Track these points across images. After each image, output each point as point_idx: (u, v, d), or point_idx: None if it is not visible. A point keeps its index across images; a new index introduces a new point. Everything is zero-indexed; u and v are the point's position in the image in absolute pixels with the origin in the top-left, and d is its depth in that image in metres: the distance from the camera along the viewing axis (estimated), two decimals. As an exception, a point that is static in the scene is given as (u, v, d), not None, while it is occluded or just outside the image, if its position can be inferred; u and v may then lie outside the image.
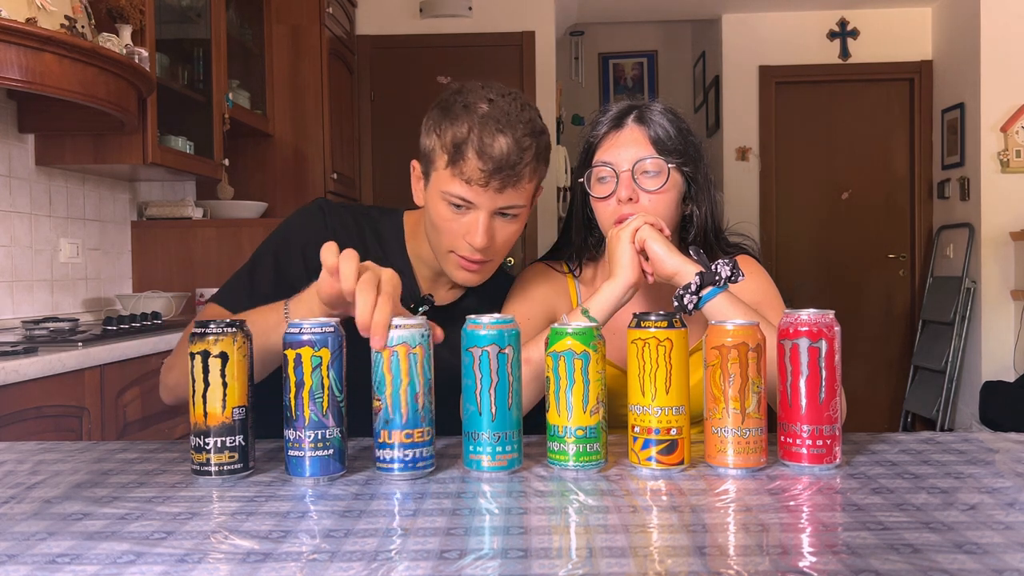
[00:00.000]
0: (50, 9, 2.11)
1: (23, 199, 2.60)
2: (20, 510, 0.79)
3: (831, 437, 0.91)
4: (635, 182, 1.22)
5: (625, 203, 1.22)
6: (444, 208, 1.17)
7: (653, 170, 1.22)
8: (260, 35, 3.76)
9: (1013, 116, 4.53)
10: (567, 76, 6.03)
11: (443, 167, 1.15)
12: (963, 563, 0.63)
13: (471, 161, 1.12)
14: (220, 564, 0.65)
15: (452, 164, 1.14)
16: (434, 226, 1.20)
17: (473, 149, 1.12)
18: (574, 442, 0.90)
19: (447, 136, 1.14)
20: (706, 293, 1.10)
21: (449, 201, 1.16)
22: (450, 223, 1.17)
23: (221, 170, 3.26)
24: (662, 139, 1.23)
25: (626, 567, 0.63)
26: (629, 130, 1.25)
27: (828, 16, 5.29)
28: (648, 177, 1.22)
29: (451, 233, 1.18)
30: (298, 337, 0.89)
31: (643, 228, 1.15)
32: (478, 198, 1.14)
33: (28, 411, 1.73)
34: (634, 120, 1.26)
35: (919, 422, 5.05)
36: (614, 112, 1.28)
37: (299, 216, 1.31)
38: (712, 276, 1.10)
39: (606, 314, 1.14)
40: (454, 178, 1.14)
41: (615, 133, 1.26)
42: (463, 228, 1.17)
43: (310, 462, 0.88)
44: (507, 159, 1.12)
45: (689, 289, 1.10)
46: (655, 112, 1.26)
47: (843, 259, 5.36)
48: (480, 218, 1.15)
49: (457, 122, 1.14)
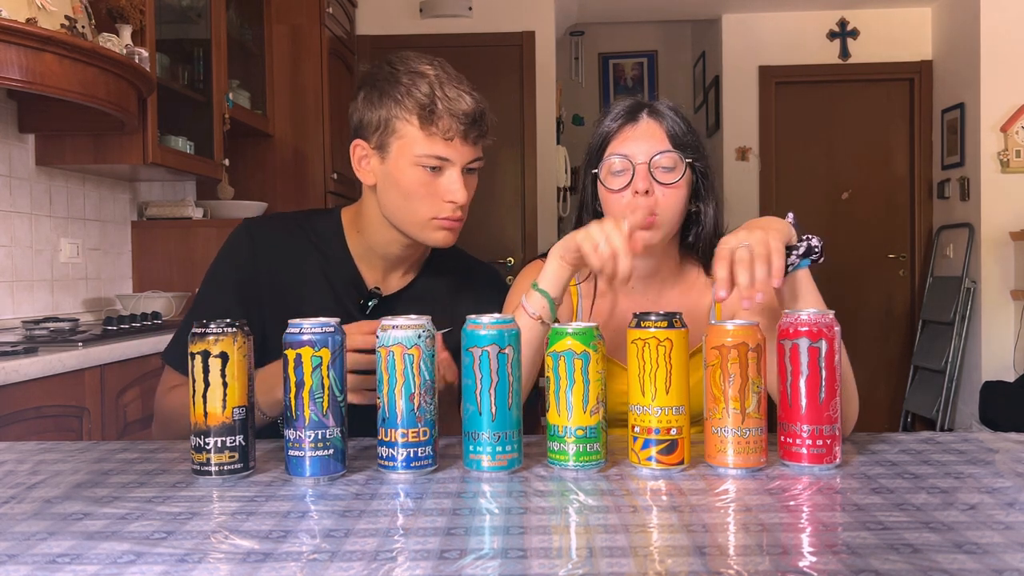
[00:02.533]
0: (50, 9, 2.11)
1: (23, 199, 2.60)
2: (20, 510, 0.79)
3: (831, 437, 0.91)
4: (651, 175, 1.22)
5: (642, 195, 1.21)
6: (419, 173, 1.18)
7: (669, 164, 1.21)
8: (260, 35, 3.76)
9: (1013, 116, 4.53)
10: (567, 76, 6.03)
11: (414, 131, 1.17)
12: (963, 563, 0.63)
13: (445, 118, 1.15)
14: (220, 564, 0.65)
15: (425, 124, 1.16)
16: (408, 196, 1.20)
17: (443, 105, 1.15)
18: (574, 442, 0.90)
19: (408, 101, 1.16)
20: (802, 260, 1.09)
21: (424, 164, 1.17)
22: (426, 187, 1.19)
23: (221, 170, 3.26)
24: (677, 134, 1.23)
25: (626, 567, 0.63)
26: (645, 124, 1.25)
27: (828, 16, 5.29)
28: (664, 171, 1.21)
29: (429, 197, 1.19)
30: (298, 337, 0.89)
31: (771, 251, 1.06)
32: (455, 153, 1.17)
33: (28, 411, 1.73)
34: (649, 115, 1.25)
35: (919, 422, 5.05)
36: (626, 107, 1.28)
37: (225, 251, 1.30)
38: (809, 246, 1.09)
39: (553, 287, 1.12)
40: (431, 138, 1.16)
41: (631, 126, 1.25)
42: (441, 189, 1.19)
43: (310, 462, 0.89)
44: (475, 112, 1.17)
45: (796, 250, 1.08)
46: (666, 109, 1.26)
47: (843, 259, 5.35)
48: (456, 174, 1.18)
49: (413, 87, 1.16)
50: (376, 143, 1.21)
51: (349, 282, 1.28)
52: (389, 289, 1.31)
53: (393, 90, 1.17)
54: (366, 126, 1.21)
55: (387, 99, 1.18)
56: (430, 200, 1.19)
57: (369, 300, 1.27)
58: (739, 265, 0.98)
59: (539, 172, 4.70)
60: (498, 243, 4.66)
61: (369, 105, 1.20)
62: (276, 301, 1.25)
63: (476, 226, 1.27)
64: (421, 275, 1.34)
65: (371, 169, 1.24)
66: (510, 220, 4.72)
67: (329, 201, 3.82)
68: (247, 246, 1.28)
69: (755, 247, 1.00)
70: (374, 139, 1.21)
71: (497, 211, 4.66)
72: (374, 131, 1.21)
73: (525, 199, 4.70)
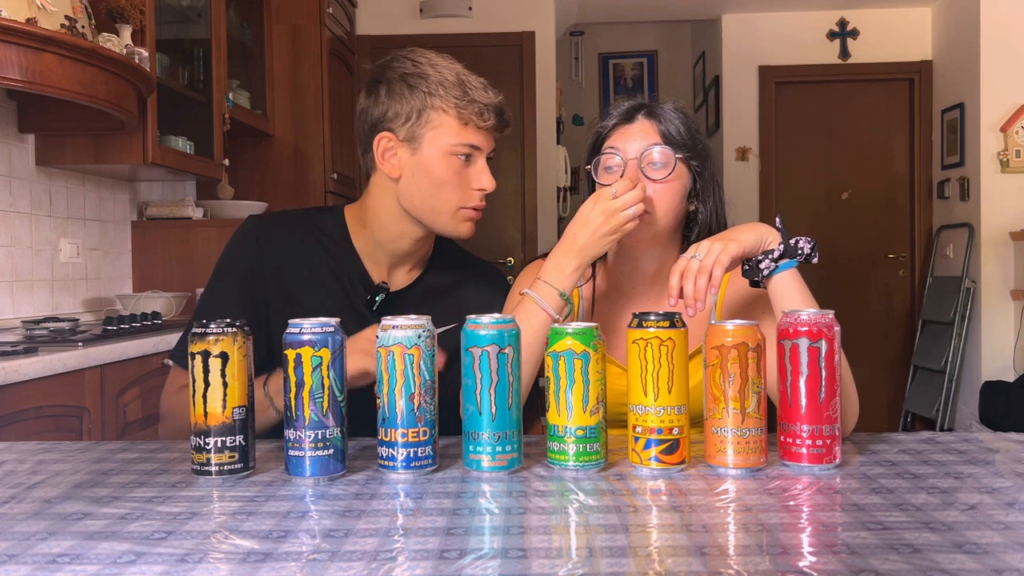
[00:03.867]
0: (50, 9, 2.11)
1: (23, 199, 2.60)
2: (20, 510, 0.79)
3: (831, 437, 0.91)
4: (642, 171, 1.22)
5: None
6: (453, 162, 1.21)
7: (660, 160, 1.22)
8: (260, 35, 3.76)
9: (1013, 116, 4.53)
10: (567, 76, 6.03)
11: (451, 120, 1.19)
12: (963, 563, 0.63)
13: (479, 106, 1.19)
14: (220, 564, 0.65)
15: (463, 113, 1.19)
16: (440, 185, 1.21)
17: (474, 95, 1.19)
18: (574, 442, 0.90)
19: (442, 90, 1.19)
20: (783, 263, 1.10)
21: (458, 153, 1.20)
22: (459, 176, 1.22)
23: (221, 170, 3.26)
24: (671, 133, 1.24)
25: (626, 567, 0.63)
26: (639, 123, 1.26)
27: (828, 16, 5.29)
28: (655, 167, 1.22)
29: (461, 187, 1.22)
30: (298, 337, 0.89)
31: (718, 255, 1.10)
32: (485, 141, 1.22)
33: (28, 411, 1.73)
34: (645, 115, 1.27)
35: (919, 422, 5.05)
36: (625, 107, 1.30)
37: (231, 247, 1.30)
38: (794, 249, 1.11)
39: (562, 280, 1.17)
40: (466, 126, 1.20)
41: (626, 126, 1.27)
42: (472, 178, 1.22)
43: (310, 462, 0.89)
44: (499, 102, 1.22)
45: (771, 255, 1.10)
46: (666, 109, 1.27)
47: (843, 259, 5.36)
48: (484, 163, 1.23)
49: (442, 78, 1.19)
50: (406, 134, 1.21)
51: (356, 278, 1.29)
52: (395, 285, 1.31)
53: (422, 81, 1.19)
54: (392, 118, 1.21)
55: (417, 91, 1.19)
56: (461, 189, 1.22)
57: (376, 295, 1.28)
58: (685, 276, 1.08)
59: (539, 172, 4.70)
60: (498, 243, 4.66)
61: (396, 97, 1.20)
62: (282, 297, 1.26)
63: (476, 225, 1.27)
64: (427, 272, 1.35)
65: (397, 161, 1.23)
66: (510, 220, 4.72)
67: (329, 201, 3.82)
68: (253, 242, 1.28)
69: (704, 259, 1.08)
70: (403, 131, 1.21)
71: (497, 211, 4.66)
72: (404, 122, 1.21)
73: (525, 199, 4.70)
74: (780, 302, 1.09)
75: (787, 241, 1.11)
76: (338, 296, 1.28)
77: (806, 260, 1.11)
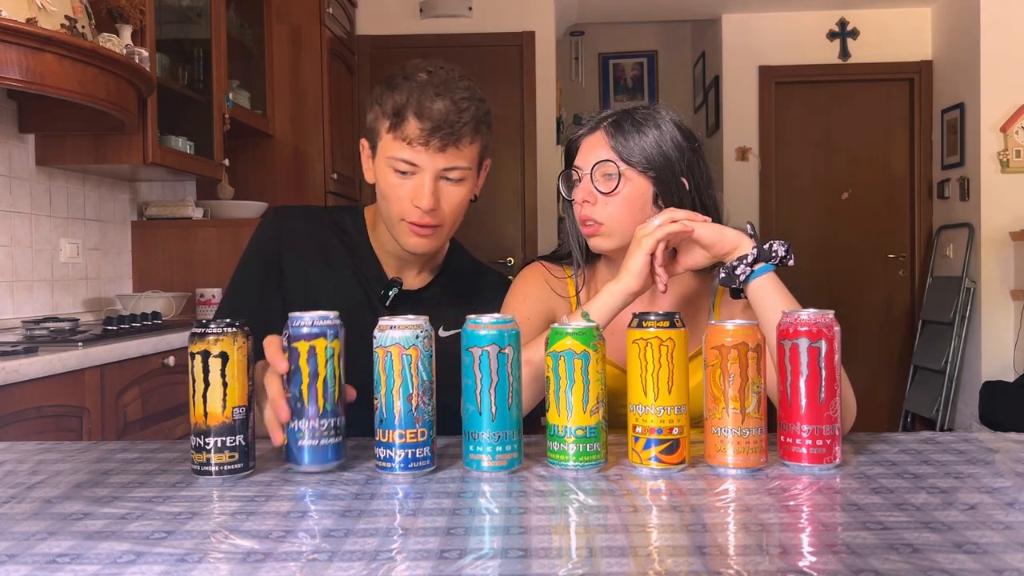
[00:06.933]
0: (50, 9, 2.11)
1: (23, 199, 2.60)
2: (20, 510, 0.79)
3: (831, 437, 0.91)
4: (593, 184, 1.24)
5: (582, 204, 1.25)
6: (391, 175, 1.23)
7: (609, 172, 1.24)
8: (260, 35, 3.76)
9: (1013, 116, 4.53)
10: (567, 76, 6.03)
11: (385, 133, 1.22)
12: (963, 563, 0.63)
13: (411, 122, 1.19)
14: (220, 564, 0.65)
15: (394, 129, 1.20)
16: (384, 196, 1.26)
17: (411, 111, 1.18)
18: (574, 442, 0.90)
19: (387, 105, 1.21)
20: (759, 268, 1.10)
21: (394, 167, 1.22)
22: (397, 189, 1.23)
23: (221, 170, 3.27)
24: (622, 144, 1.23)
25: (626, 567, 0.63)
26: (598, 135, 1.27)
27: (828, 16, 5.29)
28: (604, 180, 1.24)
29: (399, 200, 1.23)
30: (312, 329, 0.91)
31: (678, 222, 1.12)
32: (420, 158, 1.20)
33: (28, 411, 1.73)
34: (608, 125, 1.26)
35: (919, 422, 5.05)
36: (596, 118, 1.30)
37: (255, 236, 1.37)
38: (768, 253, 1.11)
39: (606, 317, 1.14)
40: (396, 141, 1.21)
41: (589, 137, 1.28)
42: (410, 193, 1.22)
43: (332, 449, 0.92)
44: (445, 118, 1.18)
45: (745, 260, 1.10)
46: (632, 119, 1.25)
47: (843, 259, 5.36)
48: (425, 180, 1.21)
49: (398, 91, 1.20)
50: (371, 142, 1.29)
51: (371, 274, 1.35)
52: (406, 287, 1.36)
53: (384, 92, 1.23)
54: (369, 125, 1.29)
55: (378, 101, 1.24)
56: (399, 202, 1.24)
57: (389, 289, 1.32)
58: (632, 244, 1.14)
59: (539, 172, 4.71)
60: (498, 243, 4.66)
61: (372, 106, 1.27)
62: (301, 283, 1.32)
63: (476, 226, 1.28)
64: (439, 276, 1.40)
65: (369, 167, 1.31)
66: (510, 220, 4.72)
67: (329, 201, 3.82)
68: (276, 227, 1.35)
69: (642, 229, 1.13)
70: (370, 138, 1.29)
71: (497, 211, 4.66)
72: (369, 131, 1.28)
73: (525, 199, 4.70)
74: (761, 307, 1.09)
75: (760, 246, 1.11)
76: (354, 288, 1.33)
77: (781, 263, 1.11)
